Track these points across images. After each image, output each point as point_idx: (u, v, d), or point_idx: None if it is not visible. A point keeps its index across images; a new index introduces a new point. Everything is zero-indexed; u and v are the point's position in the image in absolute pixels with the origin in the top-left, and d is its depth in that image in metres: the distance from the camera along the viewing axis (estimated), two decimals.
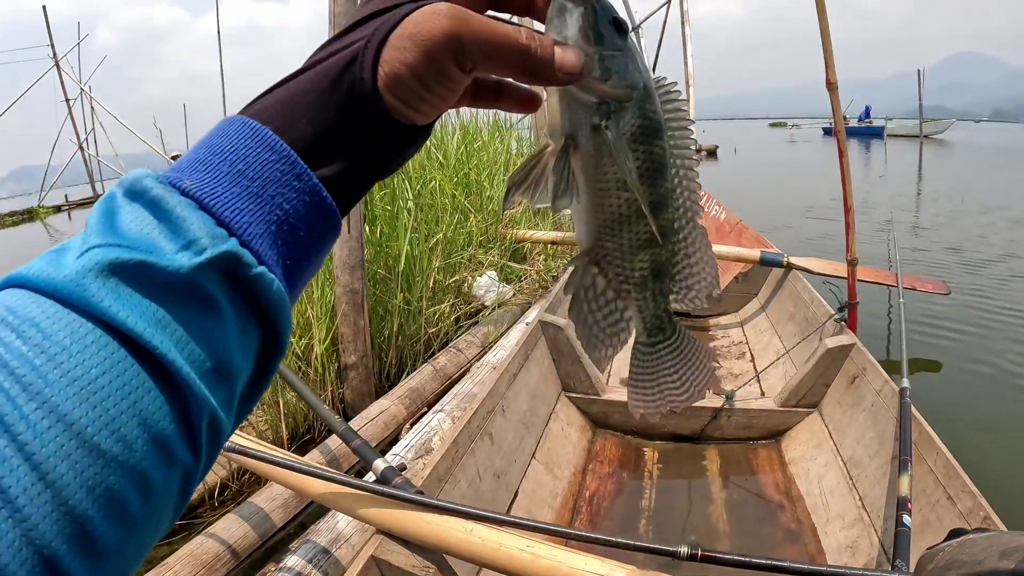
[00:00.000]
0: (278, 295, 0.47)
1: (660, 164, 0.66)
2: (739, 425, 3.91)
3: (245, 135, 0.49)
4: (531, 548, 1.92)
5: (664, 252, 0.71)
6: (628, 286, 0.72)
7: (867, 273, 5.37)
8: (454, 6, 0.53)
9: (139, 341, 0.40)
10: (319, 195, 0.50)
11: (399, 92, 0.52)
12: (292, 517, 3.42)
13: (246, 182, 0.47)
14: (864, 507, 2.98)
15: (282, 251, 0.48)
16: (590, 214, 0.68)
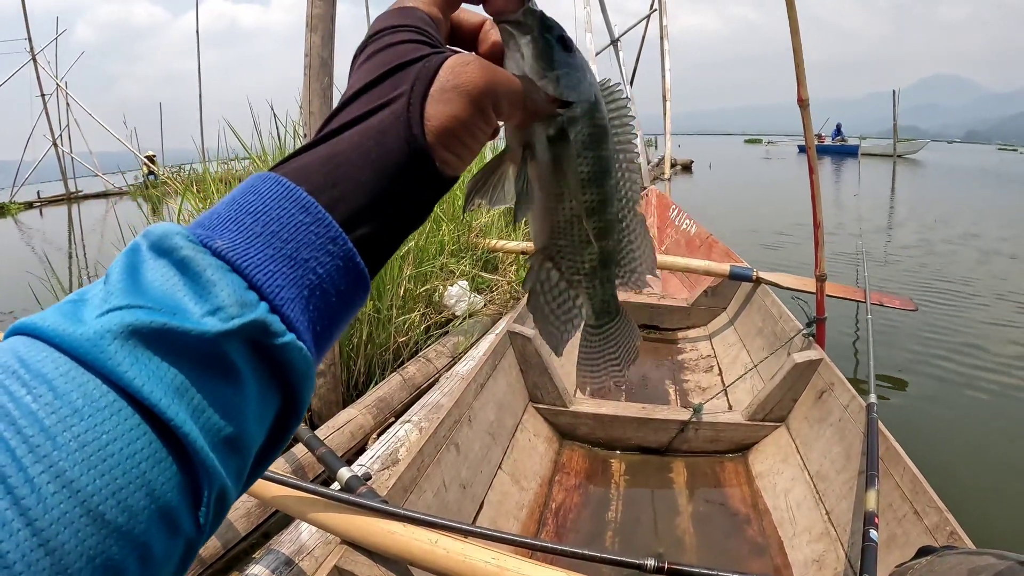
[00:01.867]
0: (304, 363, 0.46)
1: (607, 165, 0.71)
2: (706, 438, 3.91)
3: (279, 195, 0.48)
4: (496, 560, 1.90)
5: (610, 243, 0.76)
6: (579, 276, 0.77)
7: (836, 289, 5.41)
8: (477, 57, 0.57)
9: (155, 410, 0.39)
10: (353, 260, 0.49)
11: (449, 144, 0.54)
12: (255, 527, 3.37)
13: (279, 243, 0.46)
14: (831, 521, 2.98)
15: (313, 316, 0.47)
16: (545, 216, 0.73)
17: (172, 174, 9.82)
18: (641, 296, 6.86)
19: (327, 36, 4.36)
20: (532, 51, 0.64)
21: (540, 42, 0.65)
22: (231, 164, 7.64)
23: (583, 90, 0.67)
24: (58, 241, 17.64)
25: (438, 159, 0.53)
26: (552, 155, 0.68)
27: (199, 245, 0.44)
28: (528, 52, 0.64)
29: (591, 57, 16.09)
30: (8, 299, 9.01)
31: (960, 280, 9.54)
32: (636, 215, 0.78)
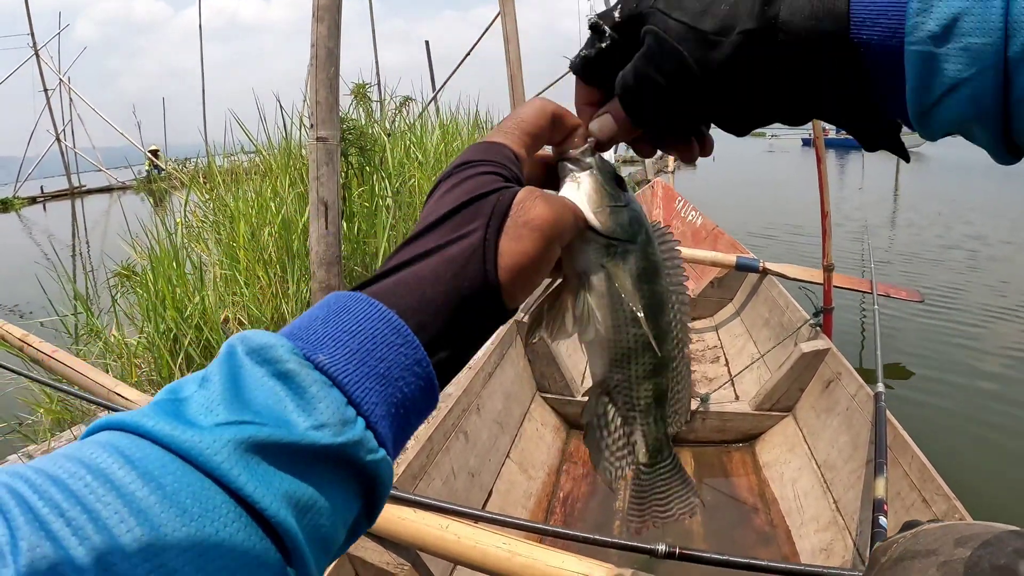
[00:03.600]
0: (389, 477, 0.49)
1: (661, 301, 0.72)
2: (713, 428, 3.90)
3: (373, 316, 0.51)
4: (507, 545, 1.90)
5: (665, 381, 0.75)
6: (635, 413, 0.76)
7: (842, 280, 5.39)
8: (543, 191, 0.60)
9: (265, 515, 0.41)
10: (432, 382, 0.52)
11: (516, 279, 0.56)
12: None
13: (373, 362, 0.49)
14: (838, 510, 2.98)
15: (396, 431, 0.50)
16: (603, 348, 0.72)
17: (177, 167, 9.82)
18: None
19: (333, 26, 4.35)
20: (590, 184, 0.69)
21: (599, 177, 0.69)
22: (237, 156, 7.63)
23: (636, 225, 0.70)
24: (62, 236, 17.63)
25: (505, 293, 0.56)
26: (609, 286, 0.69)
27: (303, 359, 0.47)
28: (586, 185, 0.69)
29: None
30: (12, 294, 9.00)
31: (965, 271, 9.50)
32: (685, 357, 0.78)
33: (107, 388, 3.01)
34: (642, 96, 0.63)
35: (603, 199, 0.69)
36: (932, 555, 0.83)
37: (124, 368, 4.47)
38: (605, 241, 0.68)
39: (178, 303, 4.53)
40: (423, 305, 0.53)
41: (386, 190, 5.81)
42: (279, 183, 5.92)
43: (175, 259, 4.92)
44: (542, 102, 0.70)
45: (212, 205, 6.38)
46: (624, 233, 0.69)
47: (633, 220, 0.70)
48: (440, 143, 7.20)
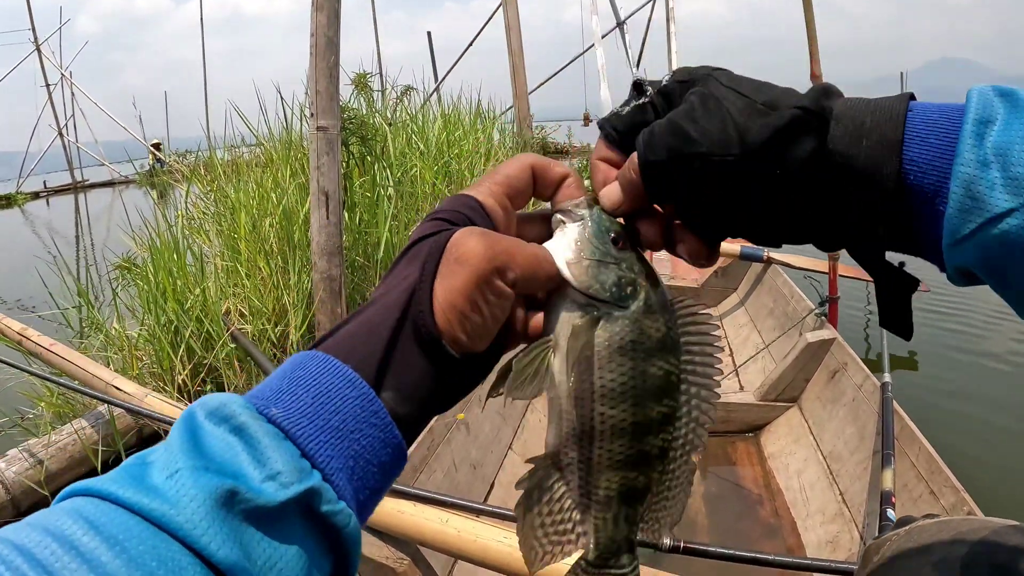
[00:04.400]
0: (353, 532, 0.49)
1: (655, 386, 0.64)
2: (718, 418, 3.87)
3: (327, 370, 0.52)
4: (508, 539, 1.88)
5: (641, 479, 0.67)
6: (589, 501, 0.67)
7: (848, 270, 5.36)
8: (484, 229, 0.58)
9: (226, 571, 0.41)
10: (392, 432, 0.53)
11: (452, 317, 0.55)
12: None
13: (328, 415, 0.49)
14: (845, 502, 2.96)
15: (357, 485, 0.50)
16: (560, 418, 0.64)
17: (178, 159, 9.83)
18: None
19: (333, 15, 4.33)
20: (574, 234, 0.64)
21: (588, 228, 0.64)
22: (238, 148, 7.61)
23: (625, 288, 0.64)
24: (64, 230, 17.66)
25: (446, 337, 0.55)
26: (576, 350, 0.63)
27: (256, 413, 0.48)
28: (570, 234, 0.64)
29: (597, 40, 16.03)
30: (17, 288, 9.02)
31: None
32: (688, 464, 0.69)
33: (105, 381, 3.00)
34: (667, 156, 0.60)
35: (584, 251, 0.63)
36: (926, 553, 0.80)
37: (125, 361, 4.45)
38: (583, 300, 0.63)
39: (179, 295, 4.51)
40: (371, 357, 0.54)
41: (388, 180, 5.79)
42: (280, 174, 5.90)
43: (176, 251, 4.90)
44: (523, 155, 0.68)
45: (213, 196, 6.37)
46: (606, 293, 0.63)
47: (623, 281, 0.64)
48: (442, 133, 7.17)
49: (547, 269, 0.61)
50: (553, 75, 20.13)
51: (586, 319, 0.62)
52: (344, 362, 0.52)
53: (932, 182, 0.52)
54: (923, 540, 0.82)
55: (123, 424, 3.77)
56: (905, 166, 0.53)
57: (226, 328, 4.28)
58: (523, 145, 9.38)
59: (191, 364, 4.28)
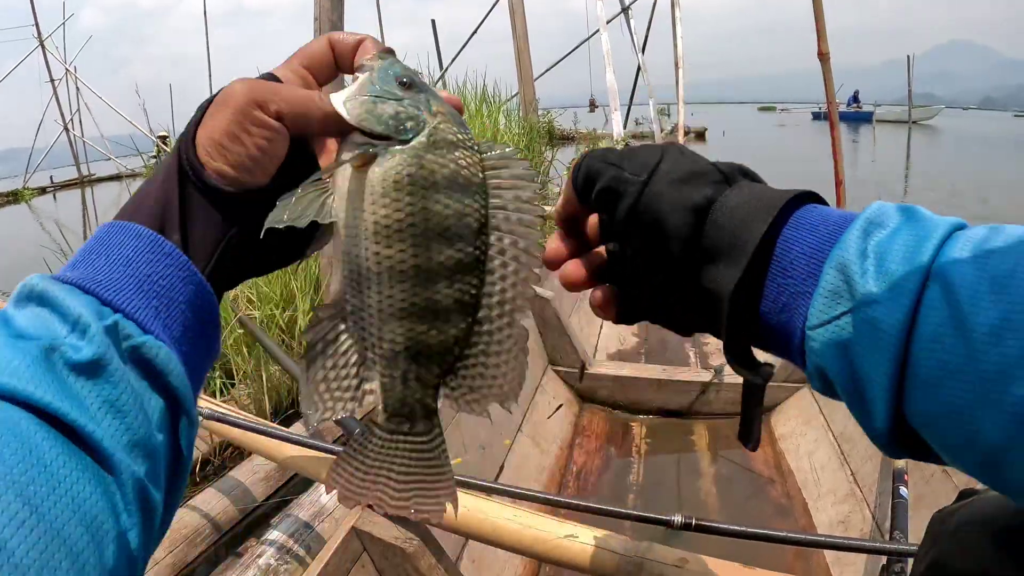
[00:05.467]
0: (167, 360, 0.51)
1: (439, 225, 0.61)
2: (728, 400, 3.86)
3: (115, 231, 0.55)
4: (518, 518, 1.86)
5: (434, 334, 0.63)
6: (374, 356, 0.64)
7: None
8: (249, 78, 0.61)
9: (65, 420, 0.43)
10: (189, 268, 0.55)
11: (214, 152, 0.58)
12: (274, 491, 3.38)
13: (122, 267, 0.53)
14: (856, 482, 2.94)
15: (167, 322, 0.53)
16: (339, 262, 0.63)
17: None
18: None
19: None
20: (360, 79, 0.63)
21: (373, 73, 0.63)
22: None
23: (406, 121, 0.62)
24: (72, 224, 17.70)
25: (209, 169, 0.58)
26: (353, 187, 0.61)
27: (52, 280, 0.51)
28: (357, 81, 0.63)
29: (602, 26, 16.00)
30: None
31: None
32: (514, 327, 0.65)
33: None
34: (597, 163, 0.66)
35: (363, 90, 0.62)
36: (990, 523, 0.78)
37: None
38: (361, 139, 0.61)
39: None
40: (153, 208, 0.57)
41: None
42: None
43: None
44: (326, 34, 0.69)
45: None
46: (380, 126, 0.61)
47: (401, 116, 0.61)
48: None
49: (321, 106, 0.61)
50: (560, 60, 20.11)
51: (361, 155, 0.60)
52: (131, 219, 0.56)
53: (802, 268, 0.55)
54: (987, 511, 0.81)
55: None
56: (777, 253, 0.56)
57: (235, 315, 4.27)
58: (529, 130, 9.35)
59: None
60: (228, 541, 3.12)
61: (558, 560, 1.79)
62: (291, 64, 0.65)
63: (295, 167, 0.62)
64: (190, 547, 2.92)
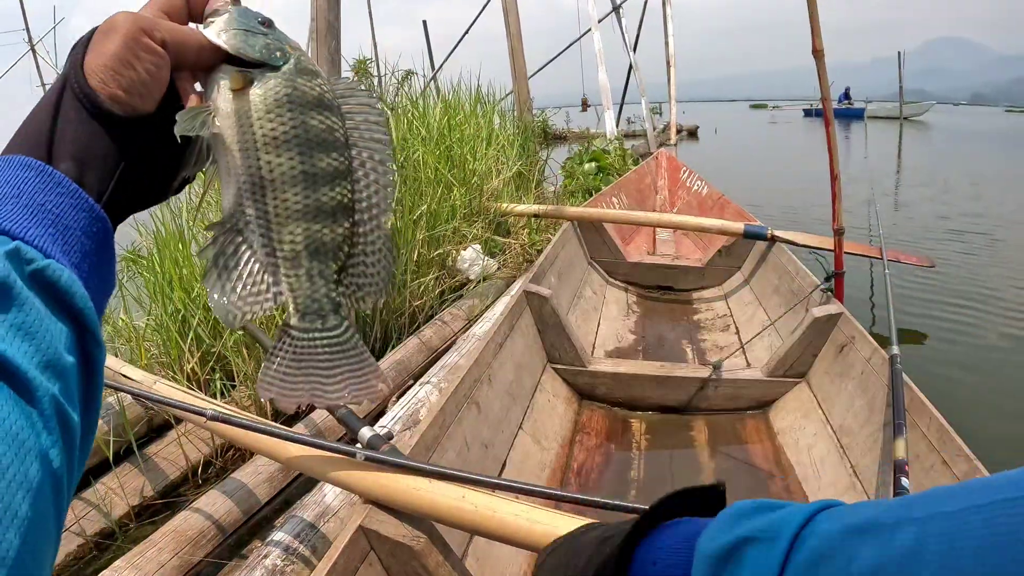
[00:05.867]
0: (69, 282, 0.51)
1: (317, 136, 0.68)
2: (726, 395, 3.88)
3: (3, 165, 0.55)
4: (526, 513, 1.87)
5: (327, 231, 0.70)
6: (276, 260, 0.70)
7: (852, 247, 5.36)
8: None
9: None
10: (81, 196, 0.57)
11: (106, 78, 0.59)
12: (278, 492, 3.39)
13: (14, 199, 0.53)
14: (856, 475, 2.96)
15: (64, 248, 0.54)
16: (232, 175, 0.68)
17: None
18: (655, 257, 6.84)
19: None
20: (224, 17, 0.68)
21: (231, 13, 0.68)
22: None
23: (276, 51, 0.68)
24: None
25: (103, 94, 0.59)
26: (236, 107, 0.66)
27: None
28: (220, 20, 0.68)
29: (594, 24, 16.00)
30: None
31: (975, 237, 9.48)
32: (381, 229, 0.73)
33: (113, 370, 2.99)
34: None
35: (232, 24, 0.67)
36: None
37: (133, 351, 4.44)
38: (236, 67, 0.67)
39: (185, 284, 4.51)
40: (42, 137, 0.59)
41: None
42: None
43: (181, 240, 4.89)
44: None
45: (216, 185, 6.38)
46: (256, 53, 0.67)
47: (271, 46, 0.69)
48: (443, 118, 7.14)
49: (197, 37, 0.65)
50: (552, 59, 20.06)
51: (239, 77, 0.66)
52: (18, 152, 0.57)
53: None
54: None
55: (133, 414, 3.77)
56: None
57: None
58: (523, 129, 9.35)
59: (200, 352, 4.28)
60: (233, 543, 3.13)
61: None
62: (150, 8, 0.67)
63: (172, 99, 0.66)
64: (195, 548, 2.92)
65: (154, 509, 3.47)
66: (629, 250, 6.93)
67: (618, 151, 11.98)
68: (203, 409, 2.43)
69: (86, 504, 3.27)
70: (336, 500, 2.86)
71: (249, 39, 0.67)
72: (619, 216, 6.37)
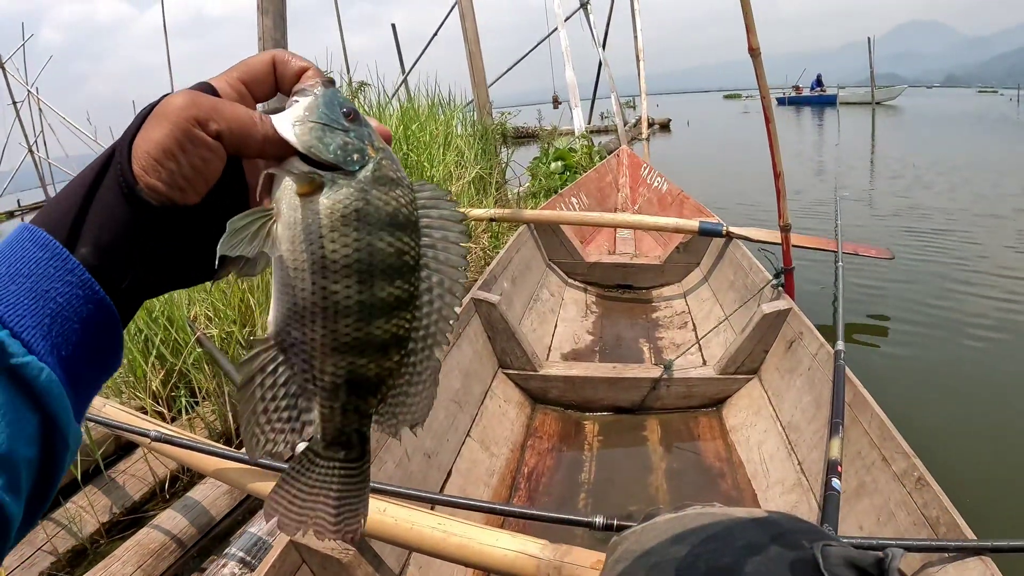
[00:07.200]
0: (47, 382, 0.49)
1: (383, 263, 0.61)
2: (679, 395, 3.91)
3: (23, 238, 0.53)
4: (443, 526, 1.90)
5: (373, 366, 0.64)
6: (315, 388, 0.64)
7: (807, 240, 5.40)
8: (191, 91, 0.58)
9: None
10: (92, 288, 0.53)
11: (149, 167, 0.55)
12: (238, 503, 3.48)
13: (22, 280, 0.51)
14: (803, 472, 2.99)
15: (57, 342, 0.51)
16: (282, 292, 0.62)
17: None
18: (615, 256, 6.85)
19: (278, 17, 4.34)
20: (303, 104, 0.62)
21: (318, 99, 0.62)
22: None
23: (353, 153, 0.61)
24: None
25: (141, 183, 0.55)
26: (297, 217, 0.60)
27: None
28: (300, 105, 0.62)
29: (560, 23, 16.02)
30: None
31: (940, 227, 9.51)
32: (432, 360, 0.67)
33: None
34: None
35: (311, 115, 0.61)
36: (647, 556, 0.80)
37: None
38: (307, 167, 0.60)
39: (147, 304, 4.50)
40: (69, 216, 0.55)
41: None
42: None
43: None
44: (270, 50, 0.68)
45: None
46: (329, 155, 0.60)
47: (349, 148, 0.61)
48: (399, 126, 7.15)
49: (263, 128, 0.60)
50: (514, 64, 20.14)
51: (308, 183, 0.60)
52: (42, 226, 0.54)
53: None
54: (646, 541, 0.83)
55: (99, 434, 3.79)
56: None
57: (193, 333, 4.28)
58: (483, 131, 9.36)
59: (163, 371, 4.29)
60: (196, 554, 3.22)
61: (483, 565, 1.83)
62: (230, 76, 0.64)
63: (227, 185, 0.62)
64: (158, 561, 3.02)
65: (124, 524, 3.53)
66: (589, 250, 6.98)
67: (585, 148, 12.00)
68: (147, 431, 2.45)
69: (56, 524, 3.32)
70: None
71: (325, 136, 0.60)
72: (575, 218, 6.36)
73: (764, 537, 0.75)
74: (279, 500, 0.66)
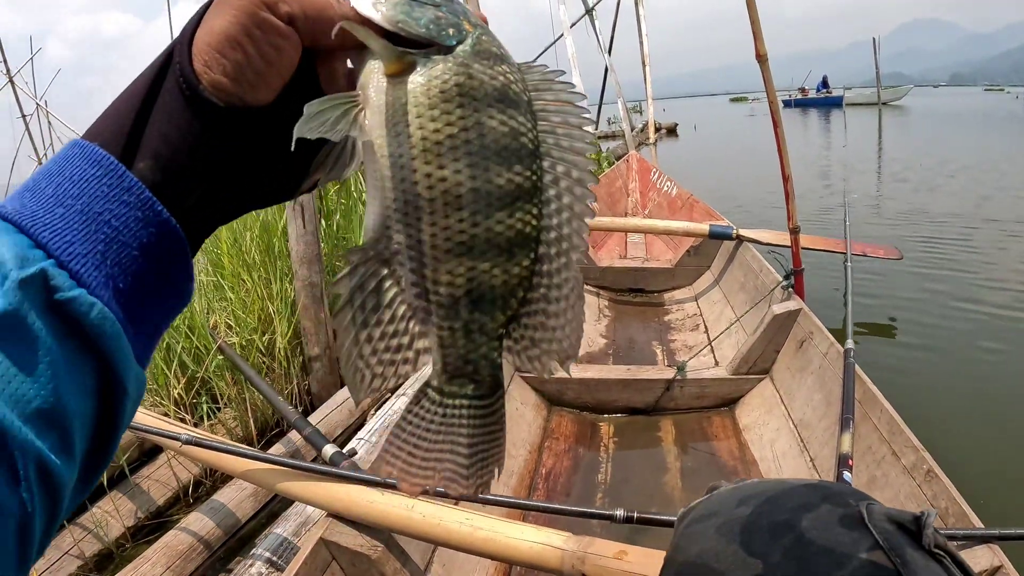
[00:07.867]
0: (99, 319, 0.43)
1: (495, 143, 0.52)
2: (692, 395, 3.97)
3: (74, 155, 0.47)
4: (469, 520, 1.96)
5: (497, 273, 0.53)
6: (429, 304, 0.53)
7: (815, 241, 5.43)
8: None
9: None
10: (153, 208, 0.46)
11: (210, 59, 0.48)
12: (263, 505, 3.54)
13: (71, 201, 0.45)
14: (815, 467, 3.03)
15: (112, 272, 0.45)
16: (379, 189, 0.52)
17: None
18: (626, 260, 6.87)
19: None
20: None
21: None
22: None
23: (448, 27, 0.52)
24: None
25: (204, 80, 0.48)
26: (391, 98, 0.51)
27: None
28: None
29: (566, 30, 16.02)
30: None
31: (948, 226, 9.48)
32: (571, 269, 0.55)
33: None
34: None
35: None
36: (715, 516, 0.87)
37: None
38: (395, 46, 0.51)
39: None
40: (117, 121, 0.49)
41: (362, 185, 5.83)
42: None
43: None
44: None
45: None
46: (420, 29, 0.51)
47: (443, 22, 0.52)
48: None
49: (341, 8, 0.51)
50: None
51: (397, 60, 0.51)
52: (93, 140, 0.47)
53: None
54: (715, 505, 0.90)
55: (124, 440, 3.83)
56: None
57: (214, 342, 4.34)
58: None
59: (184, 378, 4.35)
60: (223, 555, 3.28)
61: (509, 558, 1.90)
62: None
63: (303, 86, 0.53)
64: (186, 563, 3.09)
65: (149, 528, 3.60)
66: (600, 254, 7.02)
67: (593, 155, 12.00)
68: (178, 434, 2.51)
69: (82, 528, 3.37)
70: (316, 512, 2.94)
71: (414, 11, 0.51)
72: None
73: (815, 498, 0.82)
74: (396, 452, 0.56)
